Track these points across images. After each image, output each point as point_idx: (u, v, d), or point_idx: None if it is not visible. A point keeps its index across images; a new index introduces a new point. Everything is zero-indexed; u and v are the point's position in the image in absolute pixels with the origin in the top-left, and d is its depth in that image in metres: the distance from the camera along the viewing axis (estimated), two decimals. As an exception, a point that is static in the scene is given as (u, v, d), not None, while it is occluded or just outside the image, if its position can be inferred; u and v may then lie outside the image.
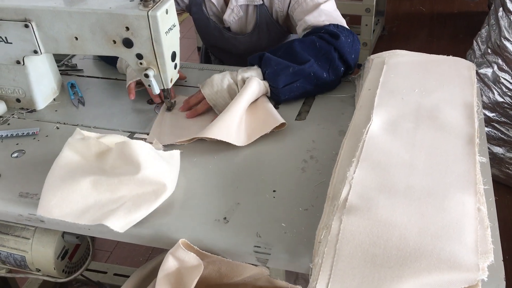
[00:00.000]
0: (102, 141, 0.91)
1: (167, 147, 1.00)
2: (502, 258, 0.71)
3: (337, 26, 1.18)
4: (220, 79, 1.10)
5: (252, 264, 0.80)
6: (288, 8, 1.29)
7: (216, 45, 1.46)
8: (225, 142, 0.98)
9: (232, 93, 1.09)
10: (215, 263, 0.81)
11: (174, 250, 0.78)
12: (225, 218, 0.84)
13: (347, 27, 1.20)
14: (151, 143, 0.96)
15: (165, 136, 1.05)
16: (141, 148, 0.85)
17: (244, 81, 1.09)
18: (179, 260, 0.78)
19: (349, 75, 1.20)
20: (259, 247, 0.78)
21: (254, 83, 1.07)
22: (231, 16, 1.33)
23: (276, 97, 1.12)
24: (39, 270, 1.01)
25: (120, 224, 0.80)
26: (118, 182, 0.83)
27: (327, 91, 1.16)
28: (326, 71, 1.12)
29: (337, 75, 1.14)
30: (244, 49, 1.38)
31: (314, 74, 1.10)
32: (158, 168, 0.85)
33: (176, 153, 0.93)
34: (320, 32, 1.15)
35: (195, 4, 1.38)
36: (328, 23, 1.19)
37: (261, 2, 1.30)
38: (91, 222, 0.80)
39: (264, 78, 1.10)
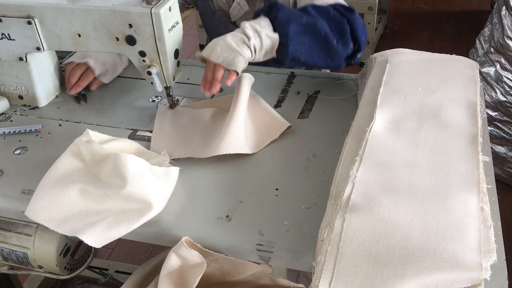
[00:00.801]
0: (106, 147, 0.88)
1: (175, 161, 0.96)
2: (505, 258, 0.71)
3: (347, 6, 1.13)
4: (225, 43, 0.99)
5: (255, 262, 0.80)
6: None
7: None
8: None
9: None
10: (218, 261, 0.81)
11: (177, 248, 0.78)
12: (227, 216, 0.84)
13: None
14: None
15: (172, 147, 1.00)
16: (131, 163, 0.81)
17: (256, 31, 0.98)
18: (182, 258, 0.78)
19: (356, 58, 1.14)
20: (262, 245, 0.78)
21: (247, 81, 1.05)
22: (237, 10, 1.32)
23: (283, 48, 1.02)
24: (41, 267, 1.01)
25: (96, 239, 0.77)
26: (104, 195, 0.81)
27: (330, 65, 1.10)
28: (337, 39, 1.05)
29: (345, 49, 1.08)
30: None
31: (325, 36, 1.02)
32: (146, 186, 0.80)
33: (174, 170, 0.87)
34: (333, 5, 1.10)
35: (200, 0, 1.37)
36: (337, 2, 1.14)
37: None
38: (69, 233, 0.78)
39: (274, 25, 1.01)
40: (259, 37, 0.99)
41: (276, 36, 1.01)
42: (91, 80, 1.19)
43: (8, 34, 1.06)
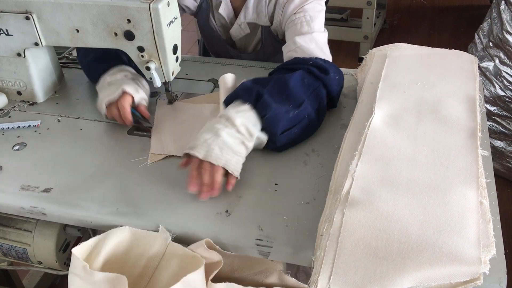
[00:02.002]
0: (102, 254, 0.79)
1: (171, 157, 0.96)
2: (503, 252, 0.71)
3: (324, 61, 1.09)
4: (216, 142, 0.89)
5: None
6: (285, 23, 1.22)
7: (219, 55, 1.43)
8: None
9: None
10: (229, 257, 0.81)
11: (195, 247, 0.78)
12: (227, 211, 0.84)
13: (333, 63, 1.11)
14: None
15: (172, 143, 0.99)
16: None
17: (250, 134, 0.92)
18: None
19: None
20: (261, 240, 0.78)
21: (230, 79, 1.05)
22: (238, 32, 1.32)
23: (272, 144, 0.95)
24: (41, 263, 1.01)
25: None
26: None
27: (310, 135, 1.02)
28: (316, 111, 1.00)
29: (322, 117, 1.03)
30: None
31: (308, 116, 0.98)
32: None
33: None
34: (307, 64, 1.04)
35: (201, 14, 1.34)
36: (316, 51, 1.11)
37: (268, 24, 1.27)
38: None
39: (262, 122, 0.93)
40: (252, 140, 0.92)
41: (265, 138, 0.95)
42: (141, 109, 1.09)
43: (6, 29, 1.05)
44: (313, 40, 1.13)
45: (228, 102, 0.96)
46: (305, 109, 0.97)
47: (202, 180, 0.85)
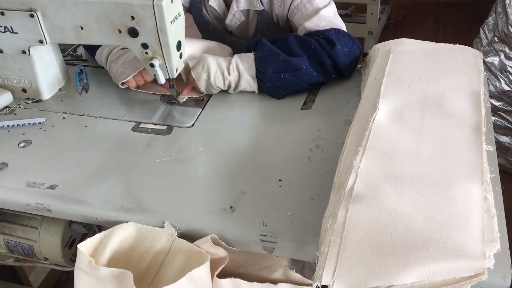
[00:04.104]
0: (108, 248, 0.79)
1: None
2: (508, 247, 0.71)
3: (338, 31, 1.14)
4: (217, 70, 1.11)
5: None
6: (288, 12, 1.27)
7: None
8: (231, 132, 0.98)
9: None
10: (234, 253, 0.81)
11: (201, 243, 0.78)
12: (231, 207, 0.84)
13: (346, 32, 1.17)
14: None
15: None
16: None
17: (237, 68, 1.11)
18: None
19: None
20: (265, 235, 0.78)
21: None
22: (233, 21, 1.33)
23: (261, 83, 1.11)
24: (47, 259, 1.02)
25: None
26: None
27: (316, 87, 1.15)
28: (317, 71, 1.11)
29: (327, 78, 1.13)
30: (246, 51, 1.38)
31: (305, 70, 1.08)
32: None
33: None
34: (318, 36, 1.13)
35: (194, 8, 1.36)
36: (328, 28, 1.16)
37: (262, 7, 1.29)
38: None
39: (255, 62, 1.10)
40: (235, 76, 1.11)
41: (254, 84, 1.12)
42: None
43: (11, 27, 1.06)
44: (321, 19, 1.17)
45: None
46: (302, 61, 1.08)
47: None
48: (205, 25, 1.37)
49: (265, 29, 1.34)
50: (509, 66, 2.03)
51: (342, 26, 1.18)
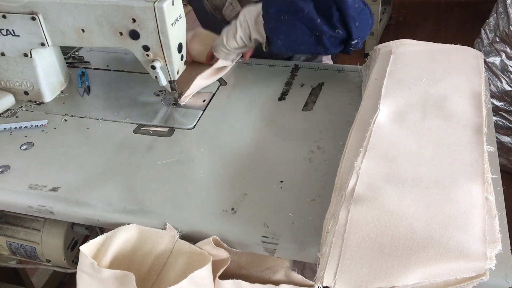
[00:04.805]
0: (111, 250, 0.79)
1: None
2: (510, 247, 0.71)
3: None
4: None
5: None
6: None
7: None
8: (232, 134, 0.99)
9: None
10: (236, 254, 0.81)
11: (203, 244, 0.79)
12: (232, 209, 0.84)
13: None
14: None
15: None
16: None
17: (245, 20, 1.11)
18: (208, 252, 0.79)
19: (350, 47, 1.09)
20: (267, 237, 0.79)
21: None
22: (230, 11, 1.33)
23: (264, 25, 1.07)
24: (49, 261, 1.02)
25: None
26: None
27: (317, 48, 1.07)
28: (322, 20, 1.02)
29: (332, 32, 1.04)
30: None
31: (308, 14, 1.02)
32: None
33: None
34: None
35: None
36: None
37: None
38: None
39: (263, 5, 1.08)
40: (248, 28, 1.11)
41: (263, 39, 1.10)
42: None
43: (13, 30, 1.06)
44: None
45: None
46: (306, 5, 1.02)
47: None
48: (204, 15, 1.38)
49: None
50: (510, 66, 2.03)
51: None
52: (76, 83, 1.25)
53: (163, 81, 1.05)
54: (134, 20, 0.98)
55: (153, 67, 1.02)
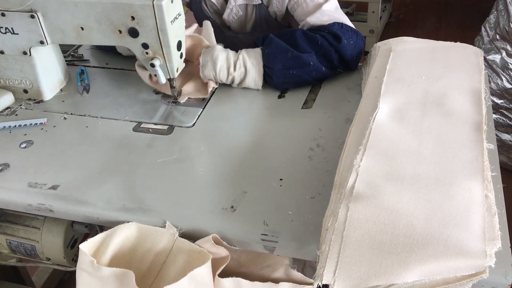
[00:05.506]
0: (110, 249, 0.79)
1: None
2: (510, 245, 0.71)
3: (341, 26, 1.15)
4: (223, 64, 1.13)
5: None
6: (287, 7, 1.28)
7: (216, 40, 1.45)
8: (231, 132, 0.98)
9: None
10: (236, 252, 0.81)
11: (202, 242, 0.79)
12: (232, 207, 0.84)
13: (351, 25, 1.18)
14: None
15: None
16: None
17: (244, 65, 1.12)
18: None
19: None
20: (267, 235, 0.78)
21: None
22: (231, 16, 1.33)
23: (269, 79, 1.12)
24: (49, 259, 1.02)
25: None
26: None
27: (320, 82, 1.18)
28: (325, 67, 1.12)
29: (334, 72, 1.16)
30: (245, 47, 1.38)
31: (313, 66, 1.10)
32: None
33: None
34: (323, 31, 1.13)
35: (194, 3, 1.37)
36: (331, 23, 1.16)
37: (260, 1, 1.29)
38: None
39: (263, 58, 1.11)
40: (245, 73, 1.12)
41: (260, 82, 1.13)
42: None
43: (12, 28, 1.06)
44: (324, 14, 1.17)
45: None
46: (310, 57, 1.09)
47: None
48: (204, 19, 1.38)
49: (264, 24, 1.34)
50: (510, 63, 2.03)
51: (345, 20, 1.19)
52: (75, 81, 1.25)
53: (163, 79, 1.05)
54: (133, 18, 0.98)
55: (153, 65, 1.02)
